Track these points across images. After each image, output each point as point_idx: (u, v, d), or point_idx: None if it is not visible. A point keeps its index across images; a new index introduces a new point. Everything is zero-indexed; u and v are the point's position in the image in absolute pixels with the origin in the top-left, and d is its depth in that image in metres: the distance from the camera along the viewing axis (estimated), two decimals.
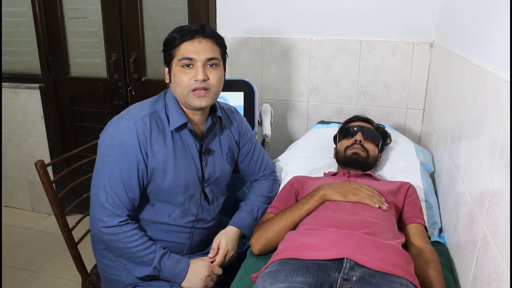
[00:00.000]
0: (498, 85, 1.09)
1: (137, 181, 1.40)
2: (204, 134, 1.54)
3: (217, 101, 1.60)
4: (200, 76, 1.38)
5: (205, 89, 1.41)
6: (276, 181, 1.83)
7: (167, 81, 1.49)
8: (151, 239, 1.46)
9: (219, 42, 1.45)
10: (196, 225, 1.57)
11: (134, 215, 1.48)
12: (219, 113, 1.58)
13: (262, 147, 1.82)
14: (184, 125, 1.47)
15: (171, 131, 1.45)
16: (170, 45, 1.41)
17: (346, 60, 2.37)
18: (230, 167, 1.67)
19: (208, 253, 1.58)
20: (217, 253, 1.54)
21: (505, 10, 1.09)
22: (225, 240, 1.56)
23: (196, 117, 1.51)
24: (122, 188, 1.38)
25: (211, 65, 1.42)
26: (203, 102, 1.42)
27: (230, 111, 1.70)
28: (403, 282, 1.13)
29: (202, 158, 1.54)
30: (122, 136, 1.38)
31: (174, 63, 1.41)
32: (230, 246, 1.56)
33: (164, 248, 1.46)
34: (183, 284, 1.45)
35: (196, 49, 1.38)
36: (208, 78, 1.41)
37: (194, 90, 1.40)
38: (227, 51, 1.53)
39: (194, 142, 1.51)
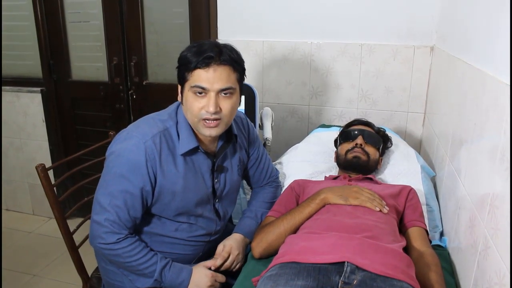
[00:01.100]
0: (499, 89, 1.09)
1: (141, 201, 1.37)
2: (216, 152, 1.51)
3: None
4: (212, 109, 1.31)
5: (216, 119, 1.35)
6: (279, 186, 1.83)
7: (179, 99, 1.42)
8: (153, 250, 1.45)
9: (237, 67, 1.36)
10: (205, 239, 1.57)
11: (139, 227, 1.47)
12: (235, 131, 1.52)
13: (268, 155, 1.80)
14: (195, 149, 1.43)
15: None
16: (184, 67, 1.34)
17: (346, 63, 2.38)
18: (240, 177, 1.65)
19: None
20: (226, 259, 1.53)
21: (506, 13, 1.09)
22: (233, 244, 1.55)
23: (207, 138, 1.45)
24: (124, 207, 1.35)
25: (225, 94, 1.34)
26: (213, 132, 1.37)
27: (239, 118, 1.65)
28: (404, 285, 1.13)
29: (214, 176, 1.52)
30: (130, 155, 1.34)
31: (187, 87, 1.34)
32: (240, 252, 1.55)
33: (166, 259, 1.45)
34: None
35: (209, 78, 1.30)
36: (221, 110, 1.34)
37: (204, 119, 1.34)
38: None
39: (206, 160, 1.48)
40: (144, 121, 1.44)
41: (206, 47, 1.31)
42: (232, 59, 1.33)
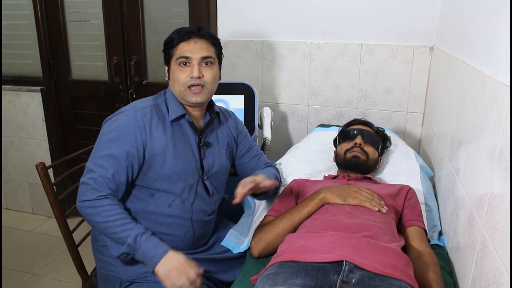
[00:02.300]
0: (498, 89, 1.09)
1: (125, 165, 1.43)
2: (202, 128, 1.59)
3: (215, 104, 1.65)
4: (195, 73, 1.46)
5: (200, 85, 1.48)
6: (277, 169, 1.82)
7: (166, 78, 1.56)
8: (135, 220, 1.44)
9: (214, 42, 1.53)
10: (197, 218, 1.57)
11: (135, 206, 1.50)
12: (216, 109, 1.64)
13: (258, 146, 1.84)
14: (182, 116, 1.53)
15: (171, 122, 1.51)
16: (169, 45, 1.50)
17: (346, 63, 2.38)
18: (229, 162, 1.70)
19: (209, 248, 1.65)
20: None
21: (506, 14, 1.10)
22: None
23: (194, 112, 1.57)
24: (109, 167, 1.41)
25: (206, 63, 1.49)
26: (198, 98, 1.49)
27: (227, 112, 1.76)
28: (402, 284, 1.13)
29: (201, 151, 1.57)
30: (121, 122, 1.45)
31: (173, 61, 1.50)
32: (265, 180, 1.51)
33: (162, 240, 1.42)
34: (156, 270, 1.35)
35: (192, 49, 1.47)
36: (203, 76, 1.48)
37: (190, 87, 1.48)
38: (225, 52, 1.61)
39: (193, 134, 1.56)
40: (136, 101, 1.57)
41: (186, 28, 1.51)
42: (210, 35, 1.52)
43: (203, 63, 1.49)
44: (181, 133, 1.53)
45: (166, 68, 1.56)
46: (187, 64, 1.48)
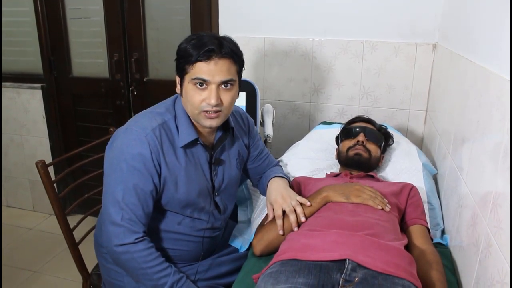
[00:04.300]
0: (502, 87, 1.08)
1: (151, 195, 1.34)
2: (214, 144, 1.50)
3: None
4: (213, 101, 1.31)
5: (217, 111, 1.35)
6: (282, 168, 1.79)
7: (178, 91, 1.41)
8: (160, 250, 1.40)
9: (237, 60, 1.36)
10: (206, 234, 1.53)
11: None
12: (232, 124, 1.52)
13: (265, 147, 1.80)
14: (195, 140, 1.42)
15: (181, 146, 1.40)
16: (184, 60, 1.33)
17: (348, 60, 2.37)
18: (239, 171, 1.63)
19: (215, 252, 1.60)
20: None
21: (509, 10, 1.08)
22: (280, 198, 1.50)
23: (205, 129, 1.44)
24: (138, 203, 1.31)
25: (225, 86, 1.34)
26: (213, 123, 1.37)
27: (238, 114, 1.64)
28: (405, 283, 1.12)
29: (212, 168, 1.50)
30: (134, 150, 1.31)
31: (187, 79, 1.33)
32: (292, 199, 1.49)
33: (174, 259, 1.43)
34: None
35: (211, 71, 1.30)
36: (222, 102, 1.34)
37: (205, 111, 1.34)
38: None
39: (204, 152, 1.47)
40: (142, 116, 1.41)
41: (206, 40, 1.31)
42: (232, 52, 1.34)
43: (222, 86, 1.33)
44: (192, 156, 1.43)
45: (178, 79, 1.39)
46: (204, 85, 1.32)
